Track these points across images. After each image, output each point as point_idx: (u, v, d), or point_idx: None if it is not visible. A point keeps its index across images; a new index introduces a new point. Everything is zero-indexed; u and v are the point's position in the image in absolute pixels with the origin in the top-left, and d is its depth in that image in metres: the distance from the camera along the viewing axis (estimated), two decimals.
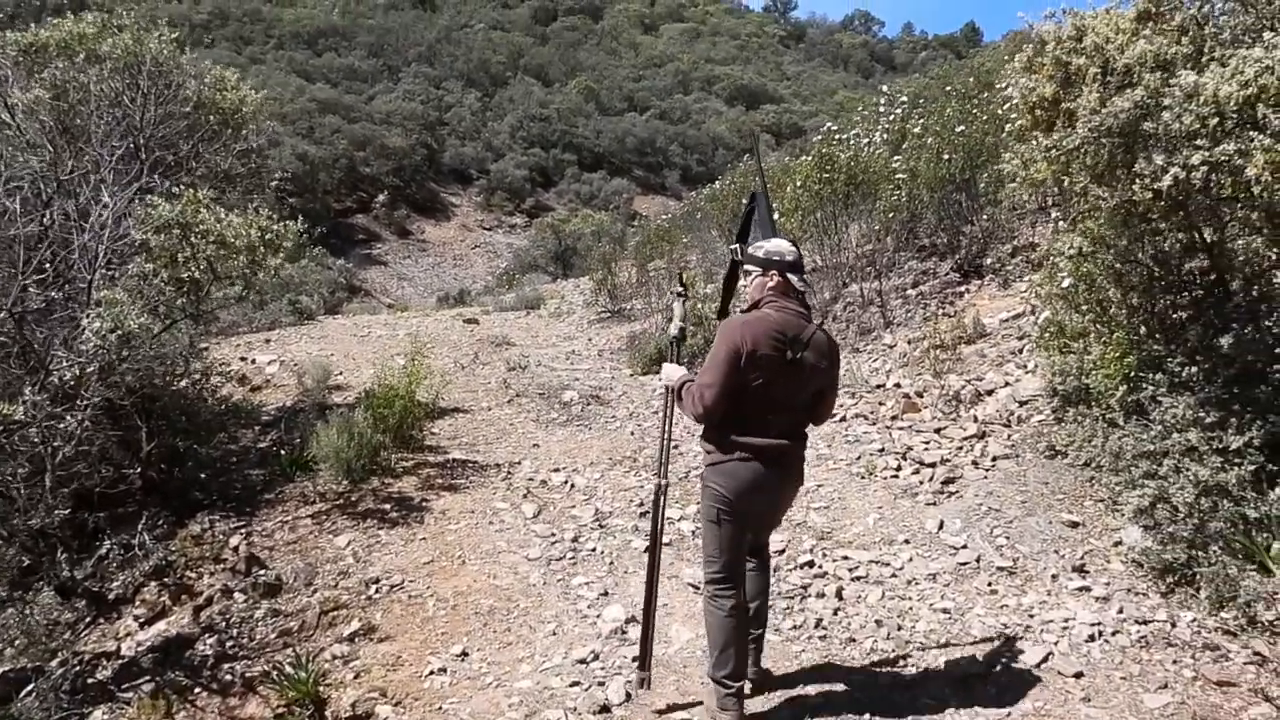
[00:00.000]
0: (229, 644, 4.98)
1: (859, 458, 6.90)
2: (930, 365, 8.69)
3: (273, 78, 47.18)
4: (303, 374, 9.08)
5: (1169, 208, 5.14)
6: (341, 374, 9.77)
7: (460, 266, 40.40)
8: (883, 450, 6.93)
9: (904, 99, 14.18)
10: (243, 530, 6.14)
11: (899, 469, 6.57)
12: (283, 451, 7.16)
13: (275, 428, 7.98)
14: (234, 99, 7.42)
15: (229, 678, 4.67)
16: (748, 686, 4.03)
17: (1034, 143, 5.63)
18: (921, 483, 6.31)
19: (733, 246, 4.29)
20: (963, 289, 10.92)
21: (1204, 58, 4.76)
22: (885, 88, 15.17)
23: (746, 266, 3.99)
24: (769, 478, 3.79)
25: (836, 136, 12.28)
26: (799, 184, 12.17)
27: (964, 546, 5.41)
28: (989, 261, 10.94)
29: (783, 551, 5.47)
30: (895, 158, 12.29)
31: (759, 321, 3.73)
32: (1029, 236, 11.70)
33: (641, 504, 6.16)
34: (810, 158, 12.35)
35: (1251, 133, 4.19)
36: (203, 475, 6.63)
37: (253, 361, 10.54)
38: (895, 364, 9.25)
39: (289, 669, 4.43)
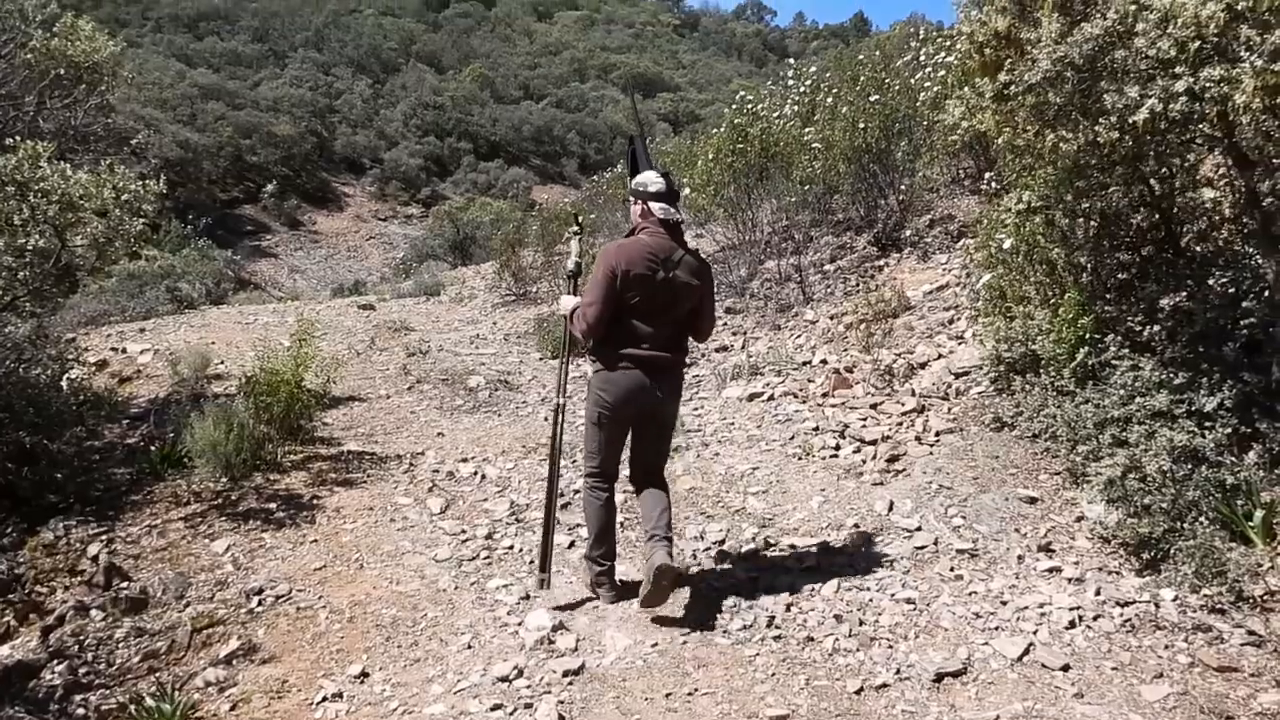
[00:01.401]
0: (83, 671, 4.20)
1: (793, 437, 6.41)
2: (858, 340, 8.27)
3: (150, 61, 45.03)
4: (177, 362, 8.20)
5: (1135, 151, 4.73)
6: (223, 363, 8.90)
7: (355, 258, 39.15)
8: (818, 429, 6.45)
9: (813, 70, 13.80)
10: (104, 537, 5.33)
11: (838, 448, 6.08)
12: (153, 447, 6.34)
13: (145, 421, 7.12)
14: (85, 49, 6.52)
15: (81, 711, 3.91)
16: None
17: (982, 85, 5.17)
18: (864, 461, 5.83)
19: (633, 164, 4.68)
20: (882, 263, 10.56)
21: None
22: (791, 60, 14.77)
23: (628, 197, 4.49)
24: (647, 385, 4.25)
25: (749, 106, 11.74)
26: (710, 157, 11.67)
27: (918, 529, 4.94)
28: (908, 234, 10.61)
29: (723, 542, 4.92)
30: (807, 129, 11.90)
31: (633, 244, 4.24)
32: (945, 209, 11.44)
33: (561, 493, 5.53)
34: (721, 130, 11.86)
35: (1243, 54, 3.77)
36: (58, 475, 5.78)
37: (123, 351, 9.57)
38: (819, 340, 8.81)
39: (150, 700, 3.70)
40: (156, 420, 6.93)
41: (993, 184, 7.94)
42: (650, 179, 4.36)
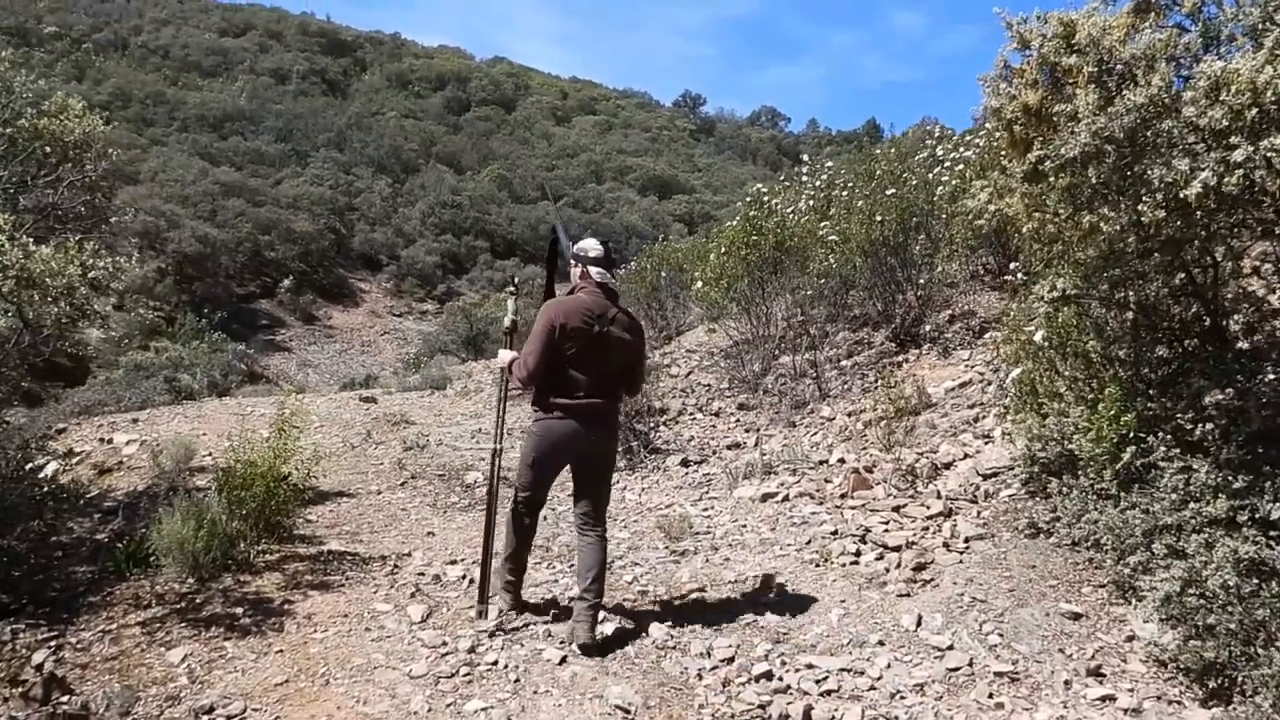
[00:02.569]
0: None
1: (809, 542, 5.92)
2: (878, 438, 7.82)
3: (175, 159, 45.92)
4: (159, 453, 7.79)
5: (1181, 233, 4.34)
6: (210, 455, 8.48)
7: (369, 353, 39.15)
8: (836, 533, 5.96)
9: (829, 164, 13.63)
10: (53, 643, 4.85)
11: (859, 554, 5.59)
12: (120, 544, 5.89)
13: (117, 515, 6.69)
14: (72, 126, 6.29)
15: None
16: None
17: (1011, 167, 4.84)
18: (888, 570, 5.33)
19: (554, 246, 5.32)
20: (900, 359, 10.18)
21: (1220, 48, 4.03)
22: (806, 157, 14.64)
23: (566, 263, 4.93)
24: (582, 432, 4.65)
25: (764, 199, 11.51)
26: (723, 250, 11.40)
27: (950, 647, 4.42)
28: (927, 330, 10.23)
29: (732, 660, 4.40)
30: (823, 223, 11.64)
31: (572, 301, 4.68)
32: (964, 304, 11.09)
33: (555, 601, 5.03)
34: (735, 222, 11.61)
35: None
36: (14, 574, 5.33)
37: (109, 441, 9.17)
38: (836, 438, 8.37)
39: None
40: (127, 515, 6.50)
41: (1018, 274, 7.57)
42: (590, 245, 4.85)
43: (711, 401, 10.46)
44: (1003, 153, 4.96)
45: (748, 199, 12.04)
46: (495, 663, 4.36)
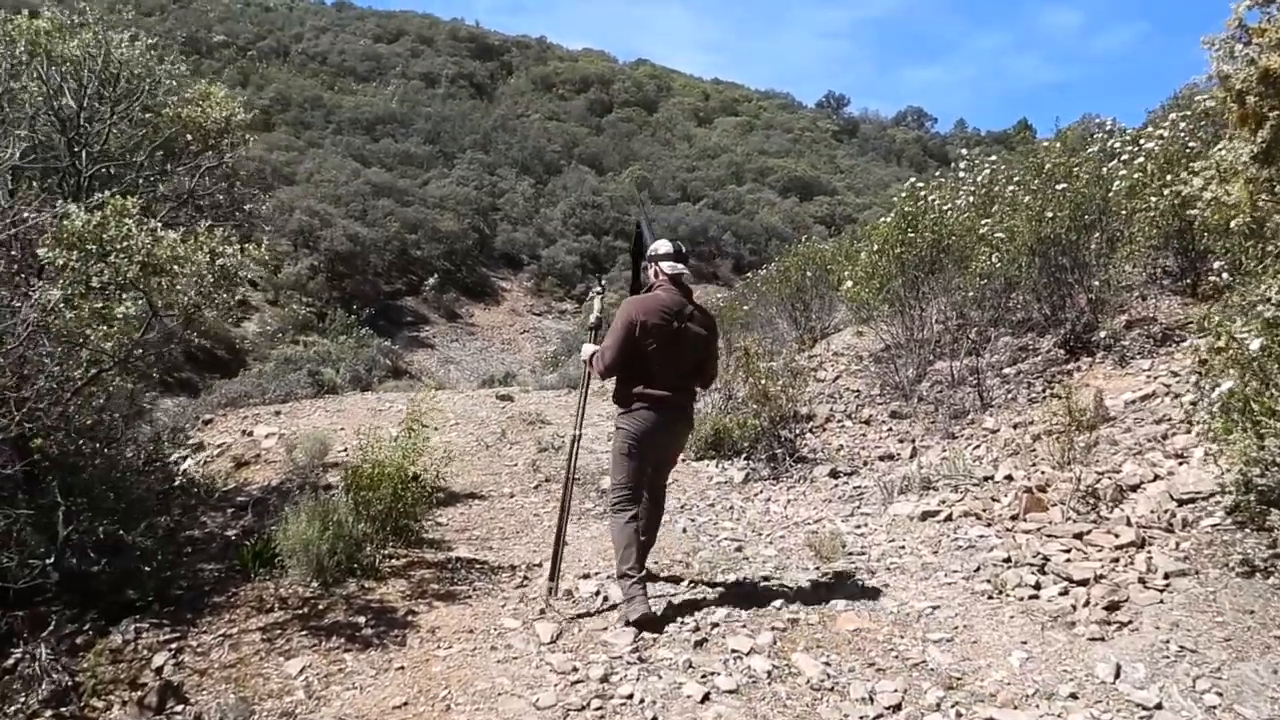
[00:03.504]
0: None
1: (978, 569, 5.29)
2: (1050, 454, 7.09)
3: (329, 161, 47.46)
4: (292, 447, 7.68)
5: None
6: (344, 450, 8.36)
7: (508, 351, 39.62)
8: (1010, 560, 5.31)
9: (992, 159, 12.76)
10: (173, 645, 4.68)
11: (1038, 587, 4.93)
12: (248, 542, 5.72)
13: (249, 511, 6.56)
14: (218, 116, 6.18)
15: None
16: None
17: (1236, 147, 4.14)
18: (1074, 608, 4.67)
19: (639, 242, 5.50)
20: (1070, 367, 9.33)
21: None
22: (964, 151, 13.79)
23: (644, 262, 5.17)
24: (662, 421, 4.88)
25: (921, 193, 10.80)
26: (876, 248, 10.74)
27: (1159, 706, 3.76)
28: (1102, 336, 9.35)
29: (899, 707, 3.85)
30: (984, 221, 10.84)
31: (650, 299, 4.90)
32: (1142, 309, 10.14)
33: (697, 628, 4.57)
34: (889, 218, 10.93)
35: None
36: (145, 569, 5.19)
37: (249, 434, 9.19)
38: (1002, 452, 7.66)
39: None
40: (258, 511, 6.36)
41: (1222, 274, 6.74)
42: (662, 245, 5.15)
43: (861, 408, 9.84)
44: (1229, 130, 4.25)
45: (902, 194, 11.35)
46: (630, 696, 3.92)
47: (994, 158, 13.06)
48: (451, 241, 42.76)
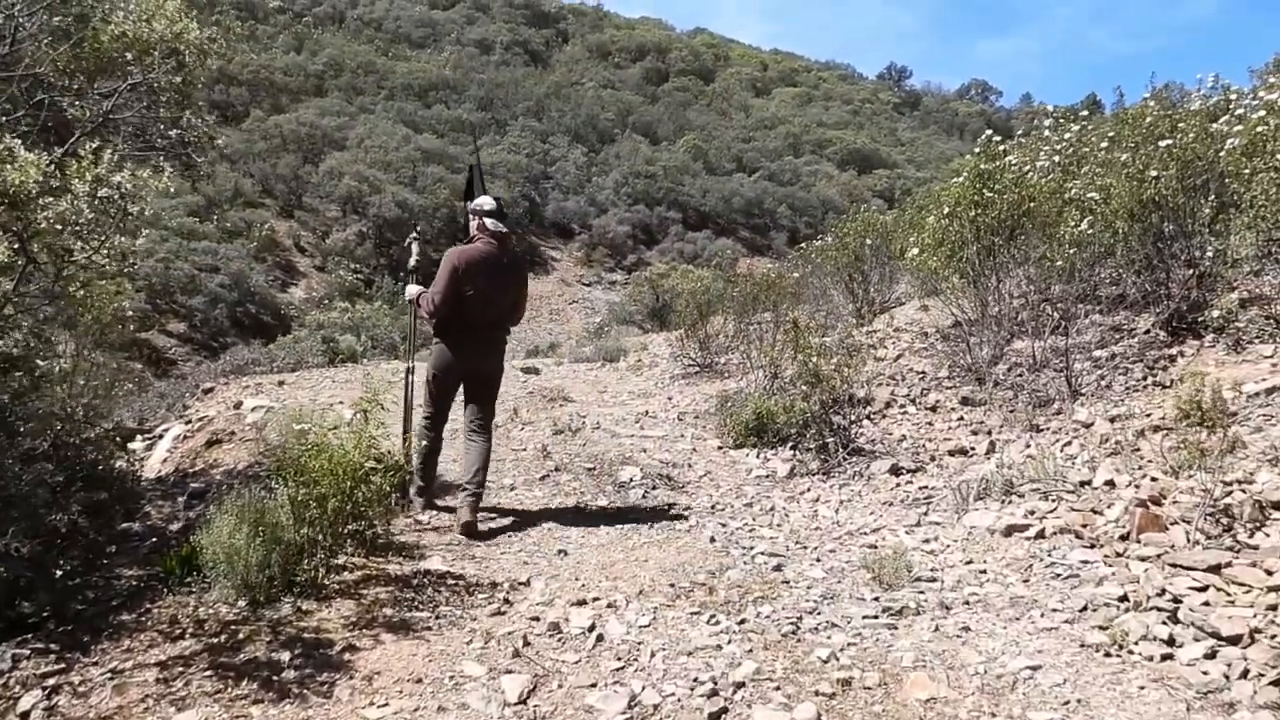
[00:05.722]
0: None
1: (1085, 609, 4.10)
2: (1160, 456, 5.85)
3: (380, 126, 46.76)
4: (263, 426, 6.67)
5: None
6: (335, 428, 7.33)
7: (556, 321, 38.89)
8: (1128, 600, 4.11)
9: (1084, 113, 11.36)
10: (52, 680, 3.67)
11: (1173, 642, 3.72)
12: (182, 542, 4.70)
13: (203, 500, 5.56)
14: (163, 31, 5.12)
15: None
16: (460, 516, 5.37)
17: None
18: (1228, 679, 3.43)
19: (469, 187, 6.15)
20: (1173, 351, 8.01)
21: None
22: (1050, 107, 12.37)
23: (470, 213, 5.85)
24: (468, 357, 5.64)
25: (999, 150, 9.50)
26: (946, 211, 9.45)
27: None
28: (1215, 316, 8.00)
29: None
30: (1070, 183, 9.50)
31: (471, 249, 5.61)
32: (1255, 286, 8.76)
33: (714, 691, 3.42)
34: (961, 179, 9.63)
35: None
36: (30, 579, 4.19)
37: (237, 406, 8.21)
38: (1099, 450, 6.41)
39: None
40: (208, 501, 5.34)
41: None
42: (486, 201, 5.74)
43: (927, 392, 8.59)
44: None
45: (976, 150, 10.02)
46: None
47: (1085, 112, 11.66)
48: (502, 209, 41.90)
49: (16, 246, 3.58)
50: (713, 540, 5.22)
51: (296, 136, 42.32)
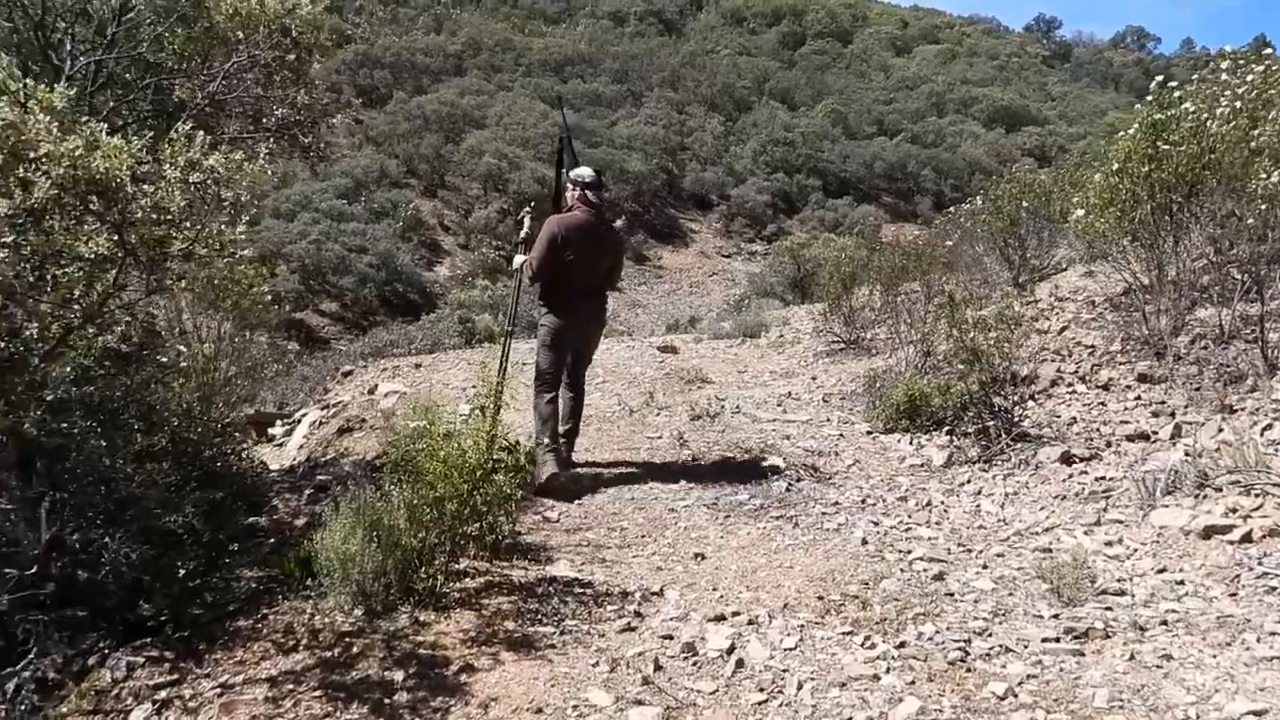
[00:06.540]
0: None
1: None
2: None
3: (518, 103, 47.17)
4: (390, 415, 6.50)
5: None
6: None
7: (697, 294, 38.63)
8: None
9: (1270, 52, 10.19)
10: (163, 692, 3.51)
11: None
12: (302, 542, 4.50)
13: (328, 493, 5.40)
14: (274, 6, 4.91)
15: None
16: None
17: None
18: None
19: (560, 157, 6.46)
20: None
21: None
22: (1228, 48, 11.18)
23: (566, 183, 6.05)
24: (575, 320, 5.93)
25: (1176, 96, 8.56)
26: (1115, 168, 8.58)
27: None
28: None
29: None
30: (1257, 130, 8.48)
31: (570, 218, 5.84)
32: None
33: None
34: (1133, 129, 8.73)
35: None
36: (150, 580, 4.06)
37: (371, 391, 8.11)
38: None
39: None
40: (313, 496, 5.16)
41: None
42: (585, 172, 5.99)
43: (1098, 369, 7.81)
44: None
45: (1148, 98, 9.07)
46: None
47: (1269, 51, 10.47)
48: (639, 183, 41.85)
49: (116, 238, 3.39)
50: (864, 542, 4.73)
51: (438, 116, 43.10)
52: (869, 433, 7.12)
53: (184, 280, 3.81)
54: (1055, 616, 3.82)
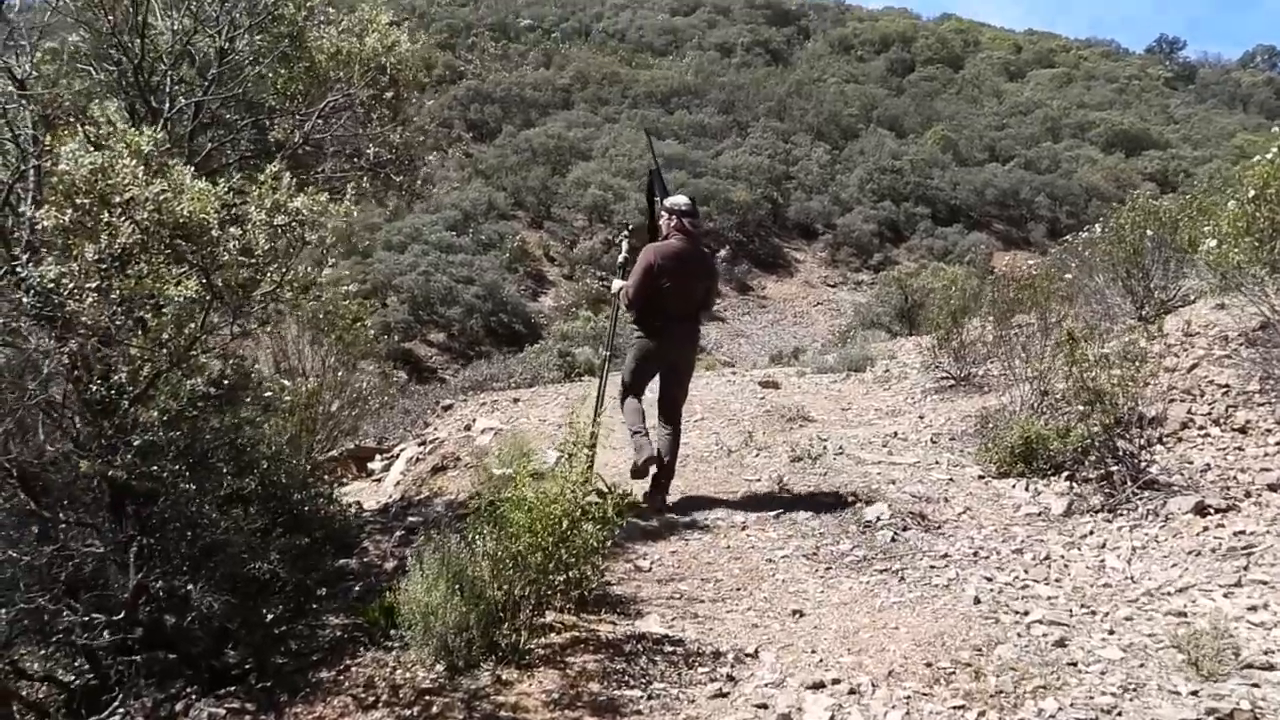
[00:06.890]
0: None
1: None
2: None
3: (623, 135, 47.55)
4: (483, 454, 6.40)
5: None
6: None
7: (801, 324, 38.21)
8: None
9: None
10: None
11: None
12: (385, 590, 4.41)
13: (418, 536, 5.31)
14: (373, 45, 4.91)
15: None
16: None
17: None
18: None
19: (651, 189, 6.52)
20: None
21: None
22: None
23: (661, 211, 6.17)
24: (669, 342, 6.04)
25: None
26: (1251, 195, 8.05)
27: None
28: None
29: None
30: None
31: (665, 246, 5.97)
32: None
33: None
34: (1273, 153, 8.18)
35: None
36: (234, 628, 4.01)
37: (468, 427, 8.06)
38: None
39: None
40: (403, 538, 5.07)
41: None
42: (681, 200, 6.11)
43: (1234, 410, 7.27)
44: None
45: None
46: None
47: None
48: (744, 212, 41.72)
49: (203, 281, 3.36)
50: (977, 601, 4.41)
51: (545, 149, 43.78)
52: (981, 477, 6.74)
53: (268, 325, 3.76)
54: (1194, 694, 3.45)
